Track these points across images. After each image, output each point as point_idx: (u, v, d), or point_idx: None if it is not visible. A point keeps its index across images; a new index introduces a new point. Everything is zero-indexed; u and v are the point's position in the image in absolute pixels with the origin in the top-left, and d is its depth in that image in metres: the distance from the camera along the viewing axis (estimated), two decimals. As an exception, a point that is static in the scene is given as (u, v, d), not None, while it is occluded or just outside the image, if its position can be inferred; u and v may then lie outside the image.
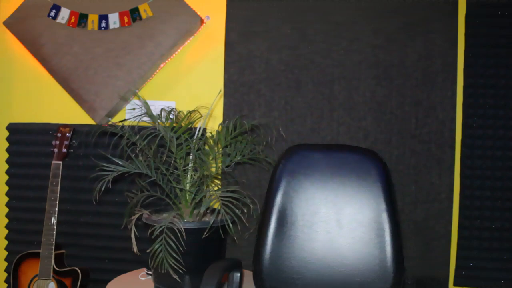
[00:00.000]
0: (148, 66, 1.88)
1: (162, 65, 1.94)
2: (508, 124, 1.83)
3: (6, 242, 2.01)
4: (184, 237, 1.35)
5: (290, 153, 1.35)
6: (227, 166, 1.56)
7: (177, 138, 1.43)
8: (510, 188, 1.83)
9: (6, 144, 2.00)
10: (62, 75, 1.93)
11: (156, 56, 1.88)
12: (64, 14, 1.91)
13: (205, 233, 1.39)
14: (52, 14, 1.92)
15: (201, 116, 1.55)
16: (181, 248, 1.34)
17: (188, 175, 1.50)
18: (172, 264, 1.34)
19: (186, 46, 1.95)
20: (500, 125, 1.84)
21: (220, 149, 1.57)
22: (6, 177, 2.00)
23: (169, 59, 1.94)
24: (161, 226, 1.35)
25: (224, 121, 1.88)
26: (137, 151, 1.47)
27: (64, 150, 1.82)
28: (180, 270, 1.36)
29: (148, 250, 1.39)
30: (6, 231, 2.01)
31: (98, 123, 1.92)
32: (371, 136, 1.87)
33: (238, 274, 1.30)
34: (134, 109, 1.90)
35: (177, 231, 1.35)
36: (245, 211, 1.44)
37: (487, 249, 1.84)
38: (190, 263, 1.41)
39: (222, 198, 1.39)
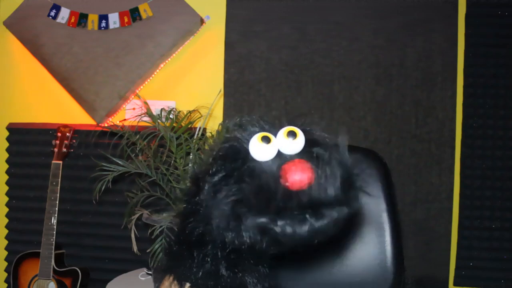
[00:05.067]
0: (148, 66, 1.88)
1: (162, 65, 1.94)
2: (508, 124, 1.83)
3: (6, 242, 2.01)
4: (184, 237, 1.34)
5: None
6: (227, 166, 1.56)
7: (177, 138, 1.43)
8: (510, 188, 1.83)
9: (6, 144, 2.00)
10: (62, 75, 1.93)
11: (156, 56, 1.88)
12: (64, 14, 1.91)
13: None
14: (52, 14, 1.92)
15: (201, 116, 1.55)
16: (181, 248, 1.34)
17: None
18: (172, 264, 1.34)
19: (186, 46, 1.94)
20: (500, 125, 1.84)
21: (220, 149, 1.56)
22: (6, 177, 2.00)
23: (169, 59, 1.94)
24: (161, 226, 1.35)
25: (224, 121, 1.88)
26: (137, 151, 1.46)
27: (64, 150, 1.82)
28: (180, 270, 1.36)
29: (148, 250, 1.38)
30: (6, 231, 2.01)
31: (98, 123, 1.92)
32: (371, 136, 1.87)
33: None
34: (134, 109, 1.90)
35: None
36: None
37: (487, 249, 1.84)
38: (190, 263, 1.40)
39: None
